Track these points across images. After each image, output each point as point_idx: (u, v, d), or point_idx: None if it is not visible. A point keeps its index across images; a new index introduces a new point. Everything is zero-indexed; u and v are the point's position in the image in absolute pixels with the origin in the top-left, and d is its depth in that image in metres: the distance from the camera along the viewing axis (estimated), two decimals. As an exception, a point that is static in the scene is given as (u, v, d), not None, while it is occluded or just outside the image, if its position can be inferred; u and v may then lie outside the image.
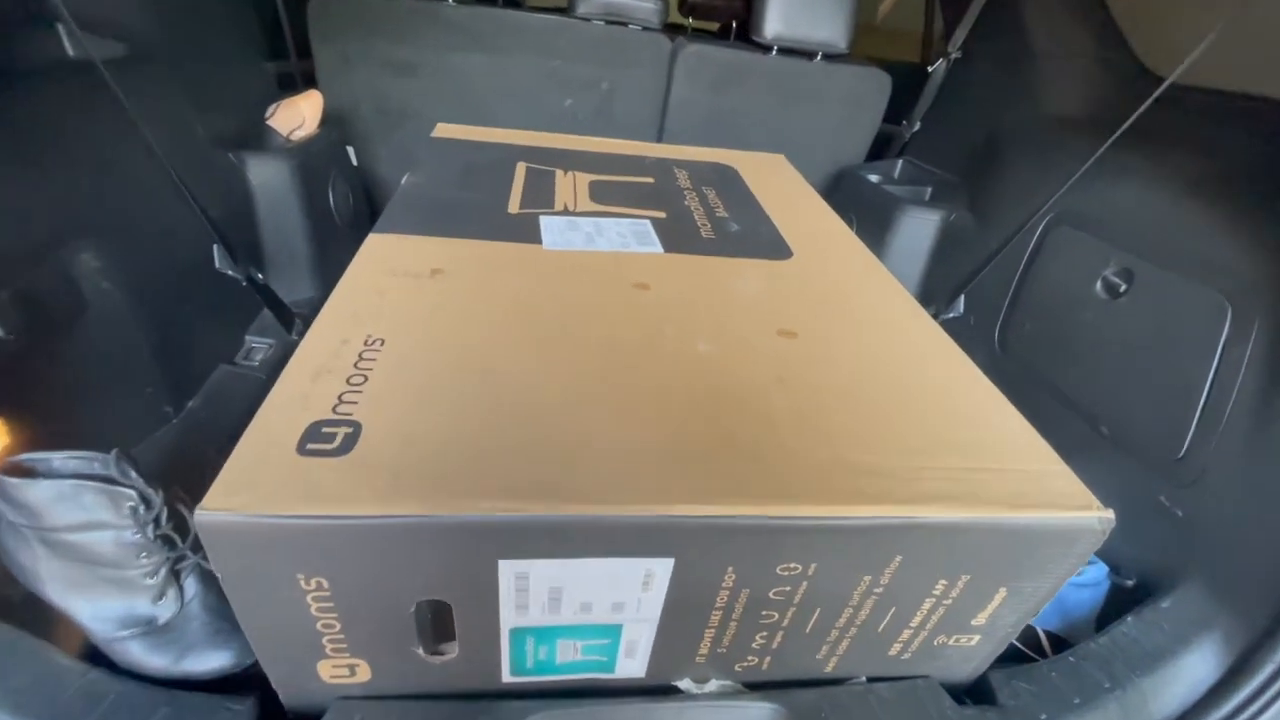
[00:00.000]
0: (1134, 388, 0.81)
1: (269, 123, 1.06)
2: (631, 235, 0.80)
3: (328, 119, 1.22)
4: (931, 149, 1.41)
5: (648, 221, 0.84)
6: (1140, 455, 0.80)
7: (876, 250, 0.88)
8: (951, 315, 0.97)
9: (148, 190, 0.74)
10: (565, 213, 0.83)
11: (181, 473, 0.56)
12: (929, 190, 1.34)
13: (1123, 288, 0.86)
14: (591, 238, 0.78)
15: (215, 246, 0.80)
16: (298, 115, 1.14)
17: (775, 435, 0.49)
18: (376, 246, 0.69)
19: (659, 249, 0.77)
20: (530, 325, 0.59)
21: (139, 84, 0.73)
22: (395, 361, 0.52)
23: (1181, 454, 0.75)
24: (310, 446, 0.43)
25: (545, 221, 0.80)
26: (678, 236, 0.81)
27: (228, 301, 0.87)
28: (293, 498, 0.39)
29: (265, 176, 0.96)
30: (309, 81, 1.31)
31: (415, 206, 0.79)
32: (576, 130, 1.41)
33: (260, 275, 0.88)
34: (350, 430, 0.45)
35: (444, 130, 1.07)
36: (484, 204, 0.82)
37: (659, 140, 1.43)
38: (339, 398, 0.47)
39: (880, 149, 1.53)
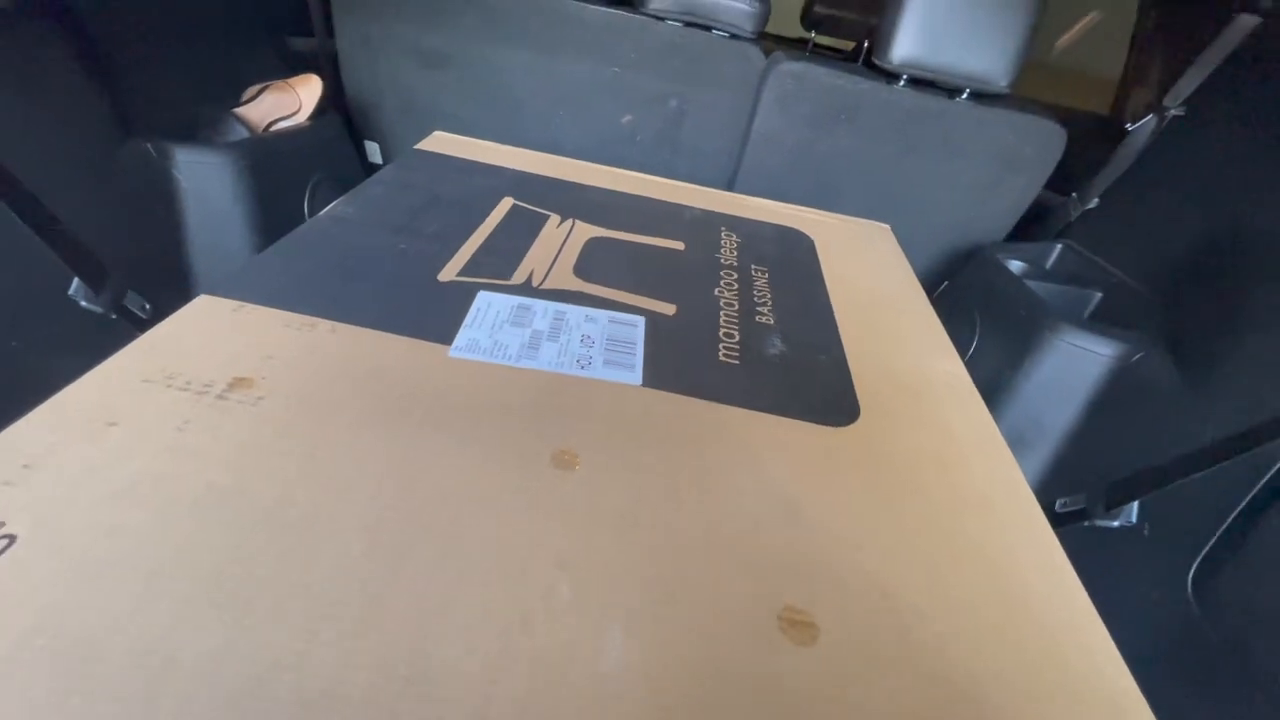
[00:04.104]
0: None
1: (238, 111, 0.87)
2: (603, 344, 0.51)
3: (330, 107, 1.02)
4: (1110, 238, 1.01)
5: (641, 321, 0.55)
6: None
7: (1005, 378, 0.55)
8: (1116, 524, 0.61)
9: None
10: (525, 289, 0.56)
11: None
12: (1096, 298, 0.94)
13: None
14: (538, 341, 0.50)
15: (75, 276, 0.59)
16: (291, 101, 0.95)
17: None
18: (188, 321, 0.45)
19: (636, 377, 0.48)
20: (306, 545, 0.32)
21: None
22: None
23: None
24: None
25: (482, 303, 0.53)
26: (678, 355, 0.51)
27: (96, 333, 0.67)
28: None
29: (198, 177, 0.76)
30: (335, 64, 1.13)
31: (302, 255, 0.55)
32: (635, 156, 1.15)
33: (147, 305, 0.67)
34: None
35: (437, 141, 0.84)
36: (411, 261, 0.57)
37: (733, 182, 1.12)
38: None
39: (1029, 225, 1.14)
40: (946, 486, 0.44)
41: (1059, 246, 1.06)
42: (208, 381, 0.40)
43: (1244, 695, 0.54)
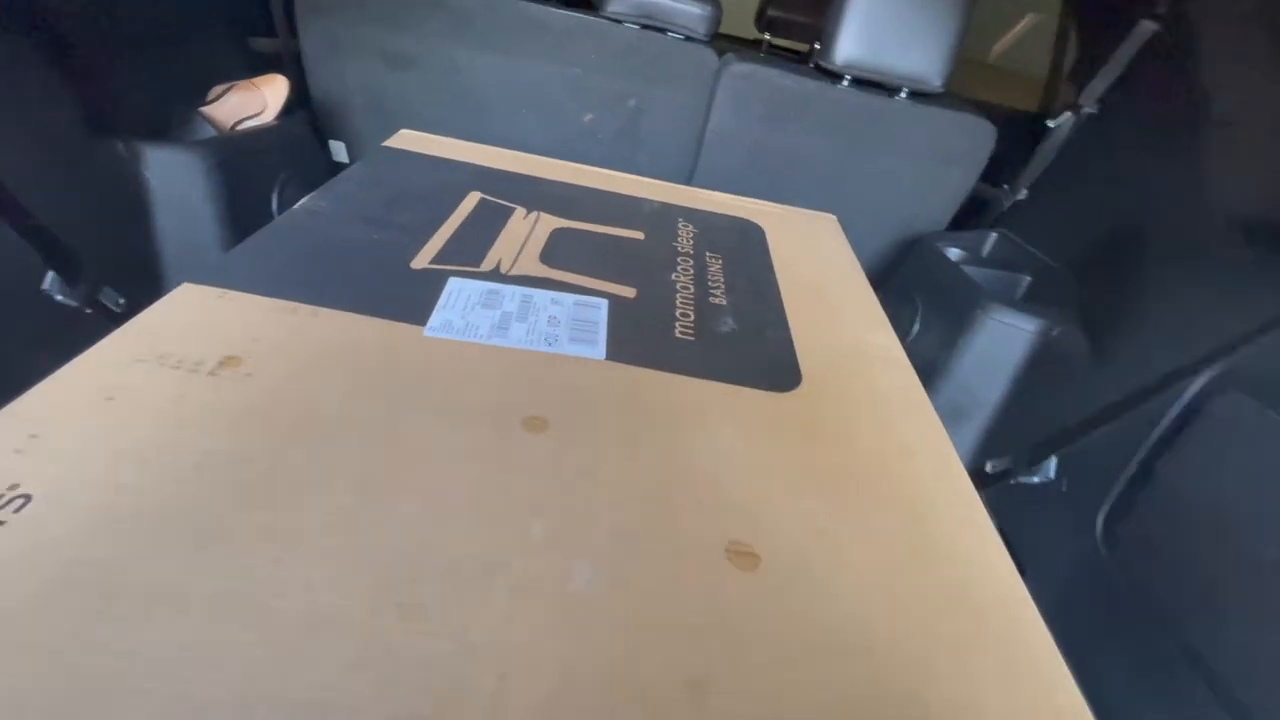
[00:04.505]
0: None
1: (204, 110, 0.88)
2: (569, 324, 0.55)
3: (297, 107, 1.04)
4: (1038, 225, 1.09)
5: (604, 303, 0.59)
6: None
7: (943, 357, 0.60)
8: (1036, 479, 0.67)
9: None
10: (493, 275, 0.60)
11: None
12: (1026, 282, 1.03)
13: None
14: (507, 322, 0.54)
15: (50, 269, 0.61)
16: (256, 100, 0.96)
17: None
18: (173, 307, 0.48)
19: (599, 352, 0.53)
20: (302, 497, 0.36)
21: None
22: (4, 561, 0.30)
23: None
24: None
25: (453, 288, 0.56)
26: (638, 332, 0.56)
27: (69, 330, 0.68)
28: None
29: (168, 174, 0.78)
30: (299, 64, 1.14)
31: (280, 245, 0.57)
32: (597, 153, 1.19)
33: (121, 300, 0.69)
34: None
35: (404, 139, 0.86)
36: (385, 250, 0.60)
37: (691, 178, 1.17)
38: None
39: (969, 215, 1.22)
40: (876, 441, 0.50)
41: (994, 235, 1.14)
42: (198, 360, 0.43)
43: (1147, 628, 0.61)
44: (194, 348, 0.44)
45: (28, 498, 0.32)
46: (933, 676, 0.34)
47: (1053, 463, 0.67)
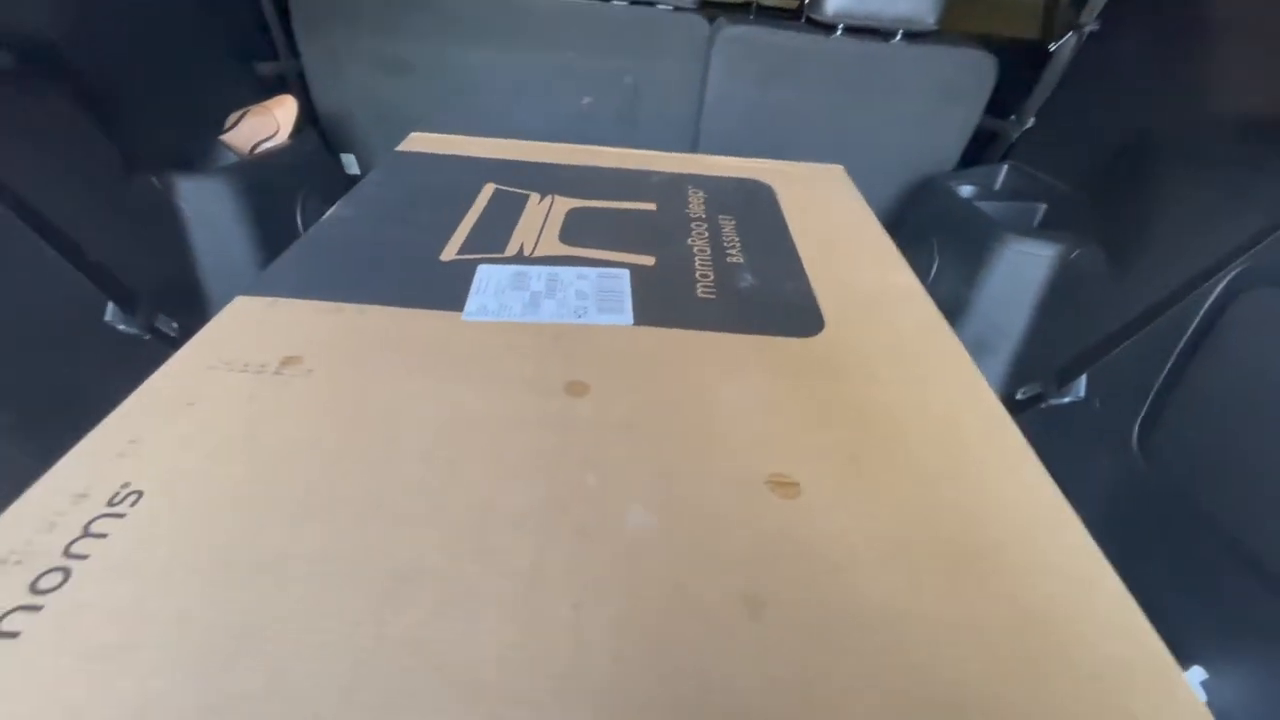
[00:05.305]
0: None
1: (224, 138, 0.92)
2: (595, 296, 0.58)
3: (307, 124, 1.07)
4: (1049, 153, 1.08)
5: (625, 273, 0.62)
6: None
7: (964, 293, 0.61)
8: (1067, 400, 0.68)
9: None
10: (518, 258, 0.63)
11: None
12: (1041, 210, 1.02)
13: None
14: (537, 300, 0.57)
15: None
16: (270, 123, 1.00)
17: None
18: (231, 318, 0.52)
19: (627, 319, 0.55)
20: (375, 470, 0.39)
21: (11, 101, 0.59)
22: (124, 550, 0.33)
23: None
24: None
25: (483, 274, 0.59)
26: (661, 296, 0.58)
27: (136, 357, 0.73)
28: None
29: (200, 202, 0.82)
30: (303, 83, 1.18)
31: (317, 253, 0.61)
32: (599, 134, 1.21)
33: (175, 324, 0.73)
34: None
35: (416, 141, 0.89)
36: (414, 247, 0.63)
37: (695, 146, 1.19)
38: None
39: (979, 150, 1.21)
40: (901, 373, 0.52)
41: (1005, 167, 1.13)
42: (262, 363, 0.47)
43: (1191, 531, 0.62)
44: (256, 352, 0.47)
45: (140, 493, 0.36)
46: (974, 577, 0.36)
47: (1083, 381, 0.68)
